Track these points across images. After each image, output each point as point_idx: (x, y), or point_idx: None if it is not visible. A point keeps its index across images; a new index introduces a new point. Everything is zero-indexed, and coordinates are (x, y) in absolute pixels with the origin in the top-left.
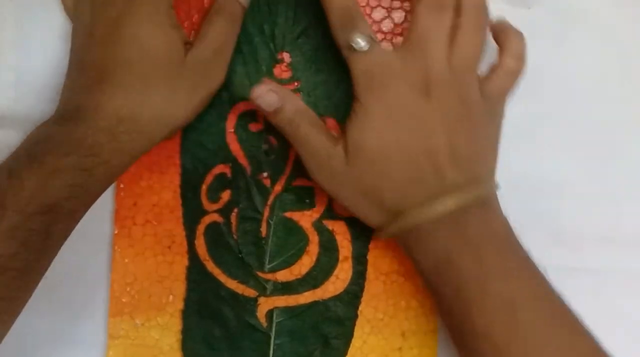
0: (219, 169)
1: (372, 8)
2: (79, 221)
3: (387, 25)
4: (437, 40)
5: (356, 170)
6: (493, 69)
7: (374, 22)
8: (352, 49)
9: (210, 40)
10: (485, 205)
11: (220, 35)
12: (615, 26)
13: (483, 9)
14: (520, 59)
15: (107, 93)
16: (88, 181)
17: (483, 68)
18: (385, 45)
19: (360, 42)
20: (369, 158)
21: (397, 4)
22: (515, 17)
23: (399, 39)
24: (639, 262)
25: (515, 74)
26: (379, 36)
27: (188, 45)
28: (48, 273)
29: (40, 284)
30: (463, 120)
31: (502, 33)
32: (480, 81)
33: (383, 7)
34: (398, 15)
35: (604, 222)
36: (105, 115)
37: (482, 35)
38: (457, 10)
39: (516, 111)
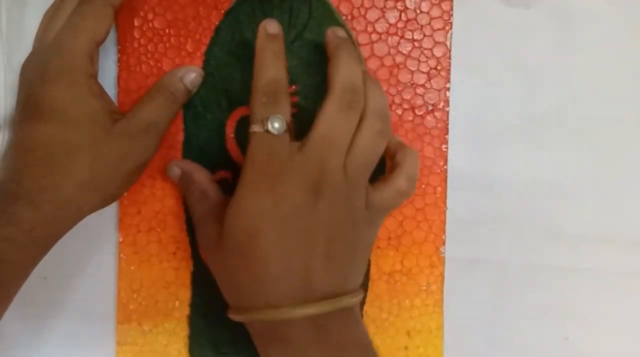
0: (221, 174)
1: (367, 9)
2: (17, 289)
3: (381, 26)
4: (339, 141)
5: (225, 248)
6: (383, 183)
7: (369, 22)
8: (263, 127)
9: (144, 114)
10: (348, 312)
11: (156, 111)
12: (614, 26)
13: (385, 118)
14: (413, 181)
15: (29, 165)
16: (9, 250)
17: None
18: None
19: (277, 126)
20: (240, 241)
21: (391, 4)
22: (514, 17)
23: (394, 39)
24: (638, 262)
25: (404, 196)
26: (374, 37)
27: (117, 115)
28: (56, 282)
29: (48, 293)
30: (345, 228)
31: (400, 151)
32: (368, 190)
33: (377, 8)
34: (392, 16)
35: (604, 222)
36: (26, 185)
37: (381, 144)
38: (362, 114)
39: (516, 111)
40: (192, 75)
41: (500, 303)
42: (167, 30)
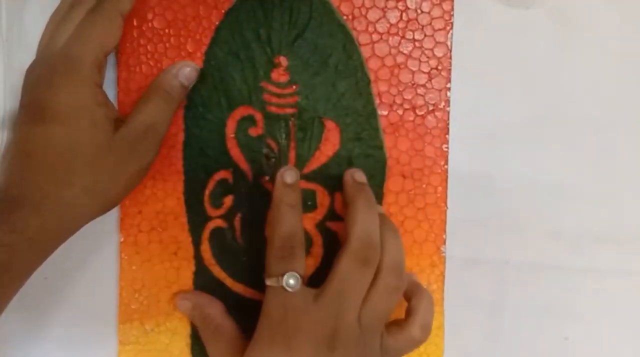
0: (221, 174)
1: (368, 9)
2: (15, 293)
3: (382, 26)
4: (354, 295)
5: None
6: (399, 330)
7: (369, 22)
8: (278, 282)
9: (141, 117)
10: None
11: (153, 113)
12: (614, 26)
13: (400, 273)
14: (427, 329)
15: (31, 170)
16: (10, 257)
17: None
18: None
19: (292, 282)
20: None
21: (392, 4)
22: (514, 18)
23: (395, 39)
24: (639, 262)
25: (418, 343)
26: (375, 37)
27: (120, 122)
28: (57, 282)
29: (50, 293)
30: None
31: (415, 297)
32: (383, 335)
33: (378, 8)
34: (393, 16)
35: (604, 222)
36: (28, 191)
37: (396, 298)
38: (378, 267)
39: (516, 111)
40: (186, 70)
41: (500, 303)
42: (166, 30)
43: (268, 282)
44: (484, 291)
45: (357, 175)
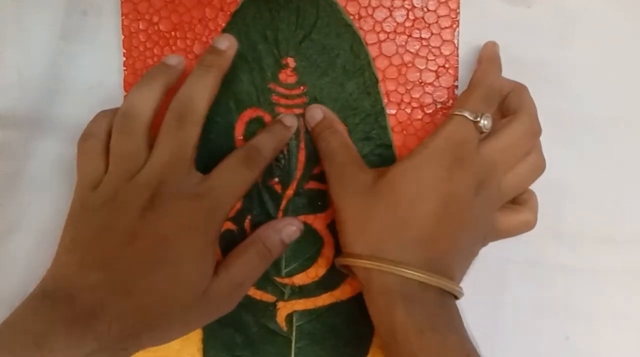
0: None
1: (374, 8)
2: None
3: (389, 25)
4: (513, 159)
5: (379, 197)
6: (514, 211)
7: (376, 22)
8: (474, 117)
9: (233, 273)
10: (455, 306)
11: (245, 270)
12: (614, 25)
13: (544, 158)
14: (536, 218)
15: (127, 311)
16: None
17: None
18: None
19: (486, 123)
20: (403, 198)
21: (398, 3)
22: (515, 17)
23: (402, 38)
24: (639, 262)
25: (528, 226)
26: (382, 36)
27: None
28: None
29: None
30: (479, 234)
31: (527, 192)
32: (496, 215)
33: (384, 7)
34: (400, 14)
35: (604, 222)
36: (114, 334)
37: (534, 179)
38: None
39: None
40: (291, 229)
41: (500, 302)
42: (173, 33)
43: (462, 112)
44: (484, 290)
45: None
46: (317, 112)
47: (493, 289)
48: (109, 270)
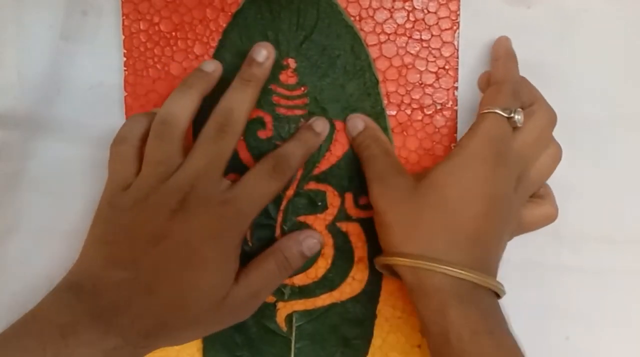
0: (231, 177)
1: (375, 10)
2: None
3: (390, 27)
4: (539, 151)
5: (423, 198)
6: (537, 205)
7: (377, 23)
8: (508, 113)
9: (252, 282)
10: (496, 301)
11: (263, 279)
12: (614, 25)
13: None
14: (557, 211)
15: (150, 310)
16: None
17: None
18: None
19: (520, 118)
20: (448, 198)
21: (399, 4)
22: (515, 17)
23: (402, 39)
24: (639, 262)
25: (550, 219)
26: (382, 37)
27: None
28: None
29: None
30: (509, 230)
31: (544, 187)
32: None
33: (385, 9)
34: (400, 16)
35: (605, 222)
36: (135, 331)
37: (554, 169)
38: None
39: None
40: (311, 242)
41: (500, 302)
42: (173, 34)
43: (494, 110)
44: None
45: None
46: (358, 122)
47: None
48: (135, 268)
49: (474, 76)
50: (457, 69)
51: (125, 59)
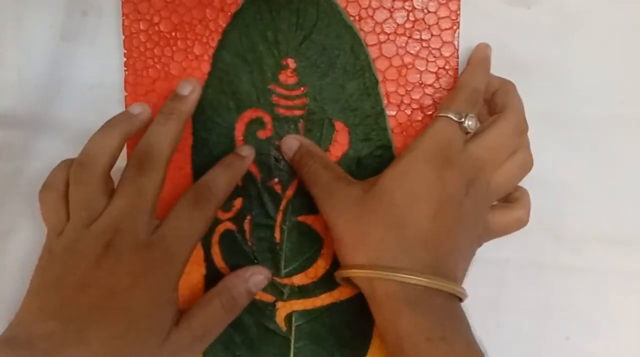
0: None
1: (374, 9)
2: None
3: (389, 27)
4: (499, 158)
5: (373, 204)
6: (507, 209)
7: (377, 23)
8: (459, 118)
9: (195, 326)
10: (459, 306)
11: (209, 321)
12: (614, 25)
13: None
14: (529, 215)
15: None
16: None
17: None
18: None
19: (472, 124)
20: (397, 200)
21: (398, 4)
22: (515, 17)
23: (402, 39)
24: (639, 262)
25: (521, 223)
26: (382, 37)
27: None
28: None
29: None
30: (472, 233)
31: (519, 189)
32: (488, 214)
33: (385, 8)
34: (400, 16)
35: (604, 222)
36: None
37: (522, 177)
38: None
39: None
40: (258, 278)
41: (500, 303)
42: (173, 34)
43: (446, 113)
44: (484, 291)
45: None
46: (293, 142)
47: (493, 289)
48: (64, 318)
49: None
50: (457, 69)
51: (125, 59)
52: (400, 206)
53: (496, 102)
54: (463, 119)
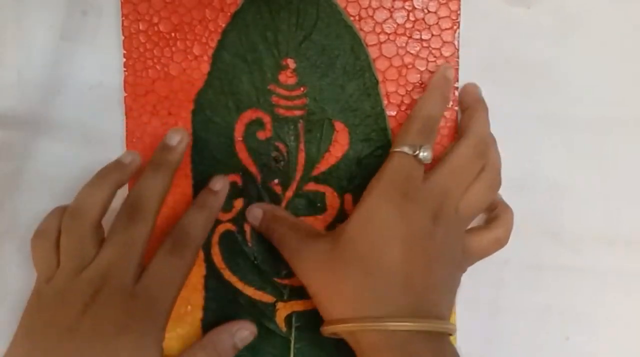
0: (230, 178)
1: (374, 9)
2: None
3: (389, 26)
4: (462, 181)
5: (342, 256)
6: (484, 230)
7: (377, 23)
8: (413, 151)
9: None
10: (447, 340)
11: None
12: (614, 25)
13: (499, 174)
14: (509, 233)
15: None
16: None
17: None
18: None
19: (426, 155)
20: (365, 249)
21: (399, 4)
22: (515, 17)
23: (402, 39)
24: (639, 262)
25: (499, 245)
26: (382, 37)
27: None
28: None
29: None
30: (449, 262)
31: (500, 206)
32: (465, 236)
33: (385, 8)
34: (400, 16)
35: (604, 222)
36: None
37: (492, 196)
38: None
39: (516, 111)
40: (244, 334)
41: (500, 303)
42: (173, 34)
43: (400, 149)
44: (484, 291)
45: (478, 89)
46: (256, 212)
47: (493, 290)
48: None
49: (475, 78)
50: (457, 69)
51: (124, 59)
52: (369, 253)
53: (462, 126)
54: (417, 152)
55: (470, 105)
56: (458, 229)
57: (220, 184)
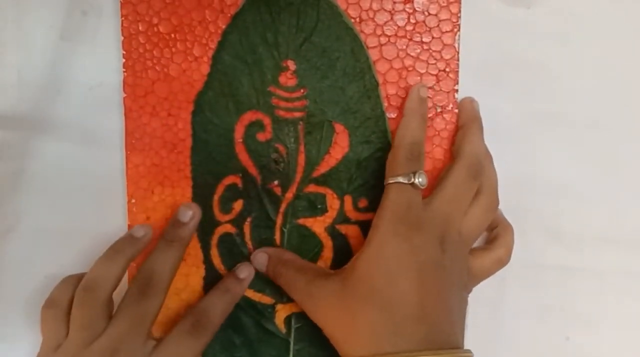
0: (230, 179)
1: (375, 12)
2: None
3: (390, 29)
4: (461, 204)
5: (354, 293)
6: (485, 251)
7: (377, 25)
8: (408, 179)
9: None
10: None
11: None
12: (614, 25)
13: (497, 194)
14: (510, 252)
15: None
16: None
17: None
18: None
19: (422, 181)
20: (377, 284)
21: (399, 6)
22: (515, 17)
23: (403, 42)
24: (639, 262)
25: (501, 265)
26: (382, 39)
27: None
28: None
29: None
30: (458, 286)
31: (501, 225)
32: (468, 258)
33: (386, 10)
34: (401, 18)
35: (604, 222)
36: None
37: (491, 216)
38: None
39: (516, 111)
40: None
41: (500, 303)
42: (172, 35)
43: (395, 180)
44: (484, 291)
45: (475, 104)
46: (261, 257)
47: (493, 290)
48: None
49: (475, 79)
50: (457, 71)
51: (124, 60)
52: (381, 288)
53: (455, 145)
54: (413, 179)
55: (465, 124)
56: (463, 253)
57: (245, 273)
